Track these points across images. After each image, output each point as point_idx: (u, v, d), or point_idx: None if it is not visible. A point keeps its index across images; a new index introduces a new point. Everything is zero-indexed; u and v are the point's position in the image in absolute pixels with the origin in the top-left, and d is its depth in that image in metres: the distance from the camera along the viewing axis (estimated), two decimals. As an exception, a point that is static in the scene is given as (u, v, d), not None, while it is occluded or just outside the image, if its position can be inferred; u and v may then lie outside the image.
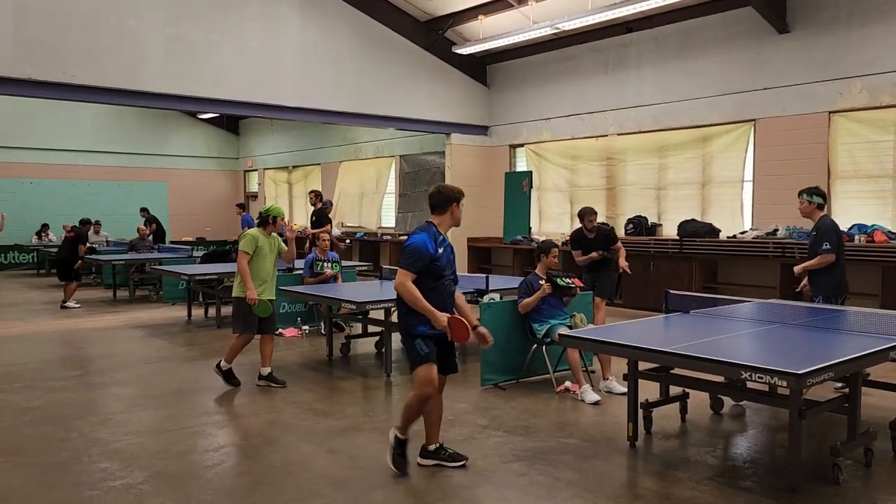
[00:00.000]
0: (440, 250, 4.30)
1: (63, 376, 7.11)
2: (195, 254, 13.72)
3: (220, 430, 5.45)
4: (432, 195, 4.42)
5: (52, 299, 12.48)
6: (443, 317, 4.20)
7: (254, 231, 6.59)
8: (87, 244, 12.61)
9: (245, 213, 17.04)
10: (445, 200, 4.38)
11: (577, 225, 8.58)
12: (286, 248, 6.76)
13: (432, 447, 4.54)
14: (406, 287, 4.21)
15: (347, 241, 16.27)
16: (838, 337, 4.84)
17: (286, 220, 6.82)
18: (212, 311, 10.48)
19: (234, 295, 6.56)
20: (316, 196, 12.44)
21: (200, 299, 11.01)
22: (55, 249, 13.93)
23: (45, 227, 18.37)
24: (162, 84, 10.68)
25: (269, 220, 6.59)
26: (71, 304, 11.79)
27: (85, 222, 13.27)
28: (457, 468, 4.47)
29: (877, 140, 9.34)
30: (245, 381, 6.64)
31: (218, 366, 6.62)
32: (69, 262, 11.86)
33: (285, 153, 21.32)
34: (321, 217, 12.25)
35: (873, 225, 9.09)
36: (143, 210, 16.86)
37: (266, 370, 6.64)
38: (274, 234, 6.66)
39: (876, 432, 4.61)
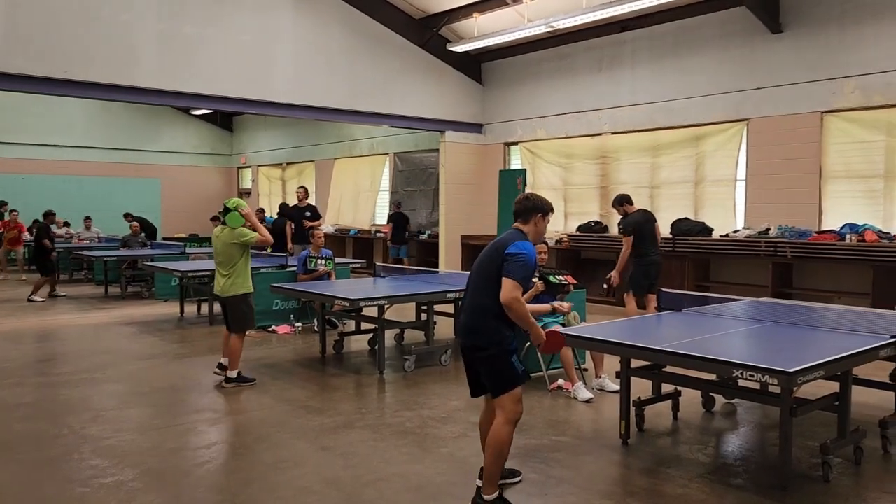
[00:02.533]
0: None
1: (54, 373, 7.08)
2: (188, 250, 13.71)
3: (211, 428, 5.44)
4: (519, 201, 4.09)
5: (43, 295, 12.43)
6: (542, 332, 3.95)
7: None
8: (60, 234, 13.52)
9: None
10: (531, 209, 4.02)
11: (572, 223, 8.66)
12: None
13: None
14: (520, 302, 3.71)
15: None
16: (829, 335, 4.86)
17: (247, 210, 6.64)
18: (204, 308, 10.44)
19: (241, 293, 6.47)
20: (306, 192, 12.56)
21: (192, 295, 10.98)
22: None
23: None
24: (154, 80, 10.61)
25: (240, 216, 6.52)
26: (36, 298, 12.13)
27: (47, 214, 13.32)
28: (516, 483, 4.22)
29: (869, 140, 9.38)
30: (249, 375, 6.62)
31: (228, 379, 6.50)
32: (38, 257, 12.48)
33: (279, 150, 21.26)
34: (314, 212, 12.33)
35: (864, 224, 9.13)
36: (127, 215, 16.72)
37: (235, 373, 6.55)
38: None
39: (866, 430, 4.64)
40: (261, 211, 15.82)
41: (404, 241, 15.06)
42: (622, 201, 8.70)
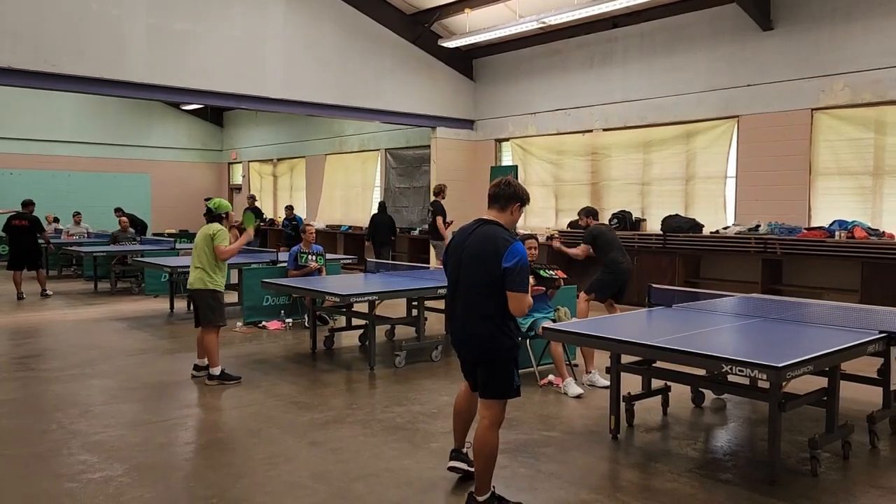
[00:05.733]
0: None
1: (42, 368, 7.04)
2: (178, 246, 13.64)
3: (201, 423, 5.42)
4: (497, 185, 3.82)
5: (31, 291, 12.33)
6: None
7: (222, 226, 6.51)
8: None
9: None
10: (511, 197, 3.79)
11: (563, 219, 8.68)
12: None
13: (466, 449, 4.21)
14: (529, 303, 3.69)
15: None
16: (818, 331, 4.89)
17: (232, 213, 6.73)
18: (194, 304, 10.39)
19: (208, 287, 6.37)
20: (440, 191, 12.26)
21: (181, 291, 10.92)
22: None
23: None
24: (144, 74, 10.56)
25: (223, 217, 6.55)
26: (49, 291, 12.30)
27: (27, 204, 12.55)
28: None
29: (858, 137, 9.43)
30: (236, 371, 6.59)
31: (210, 376, 6.43)
32: (35, 251, 12.25)
33: (270, 145, 21.19)
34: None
35: (853, 221, 9.19)
36: (118, 210, 16.59)
37: (218, 369, 6.48)
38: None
39: (854, 425, 4.67)
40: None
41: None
42: (589, 213, 8.61)
